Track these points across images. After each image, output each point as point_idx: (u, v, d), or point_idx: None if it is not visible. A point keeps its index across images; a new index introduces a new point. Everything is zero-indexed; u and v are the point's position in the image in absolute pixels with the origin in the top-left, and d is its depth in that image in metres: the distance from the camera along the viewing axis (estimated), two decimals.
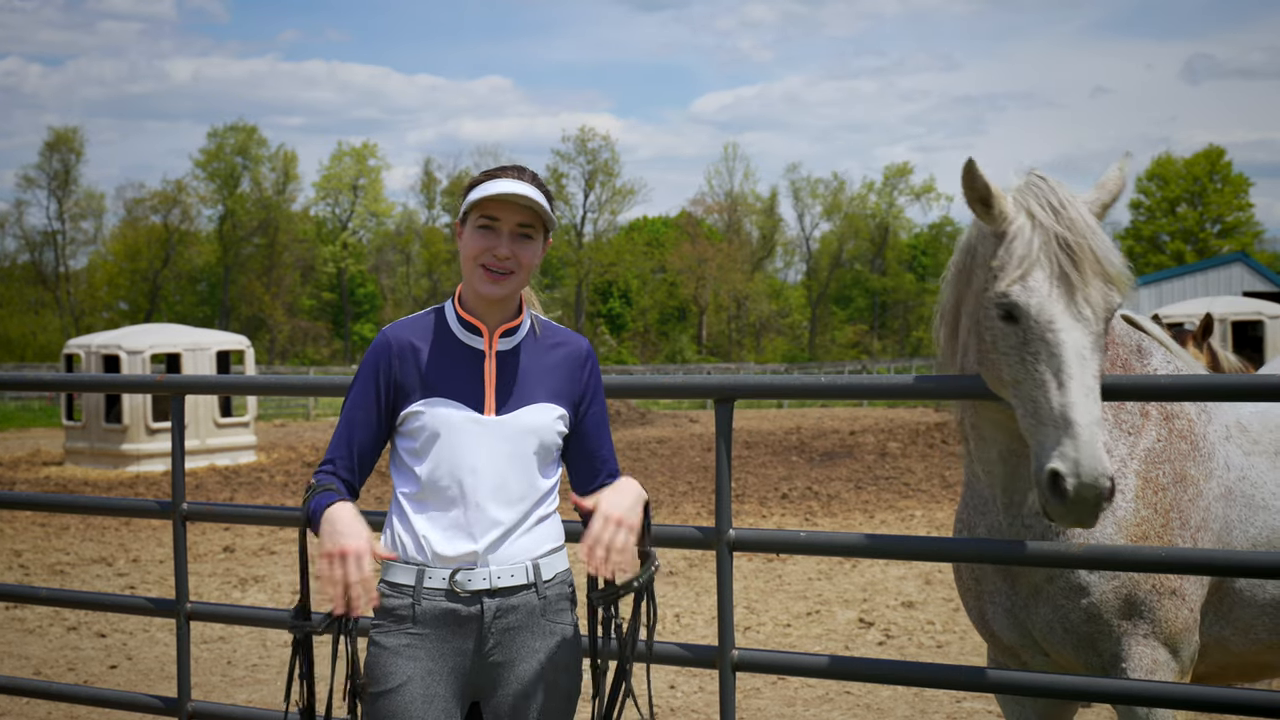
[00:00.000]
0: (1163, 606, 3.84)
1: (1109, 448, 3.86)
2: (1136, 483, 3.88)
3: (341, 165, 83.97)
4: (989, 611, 4.08)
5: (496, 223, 3.40)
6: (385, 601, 3.39)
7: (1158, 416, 3.98)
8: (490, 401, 3.41)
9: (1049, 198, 3.51)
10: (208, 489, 20.44)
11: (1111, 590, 3.81)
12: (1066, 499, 3.30)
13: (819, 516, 15.98)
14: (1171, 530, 3.89)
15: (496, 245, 3.38)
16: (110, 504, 6.01)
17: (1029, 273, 3.45)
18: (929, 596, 11.02)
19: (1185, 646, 3.92)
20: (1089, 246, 3.45)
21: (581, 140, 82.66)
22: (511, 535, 3.39)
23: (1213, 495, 4.00)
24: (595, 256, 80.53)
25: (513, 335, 3.50)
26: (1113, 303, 3.47)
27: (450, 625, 3.35)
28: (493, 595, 3.36)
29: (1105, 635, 3.84)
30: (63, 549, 14.70)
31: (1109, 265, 3.46)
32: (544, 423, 3.44)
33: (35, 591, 5.78)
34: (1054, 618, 3.89)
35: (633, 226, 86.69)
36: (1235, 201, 76.59)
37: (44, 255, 78.98)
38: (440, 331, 3.49)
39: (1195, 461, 3.98)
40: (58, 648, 9.85)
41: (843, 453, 23.54)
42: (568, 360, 3.54)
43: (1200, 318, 7.80)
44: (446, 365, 3.44)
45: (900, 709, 7.79)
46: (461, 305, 3.51)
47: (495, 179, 3.43)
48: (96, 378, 8.27)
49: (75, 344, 26.09)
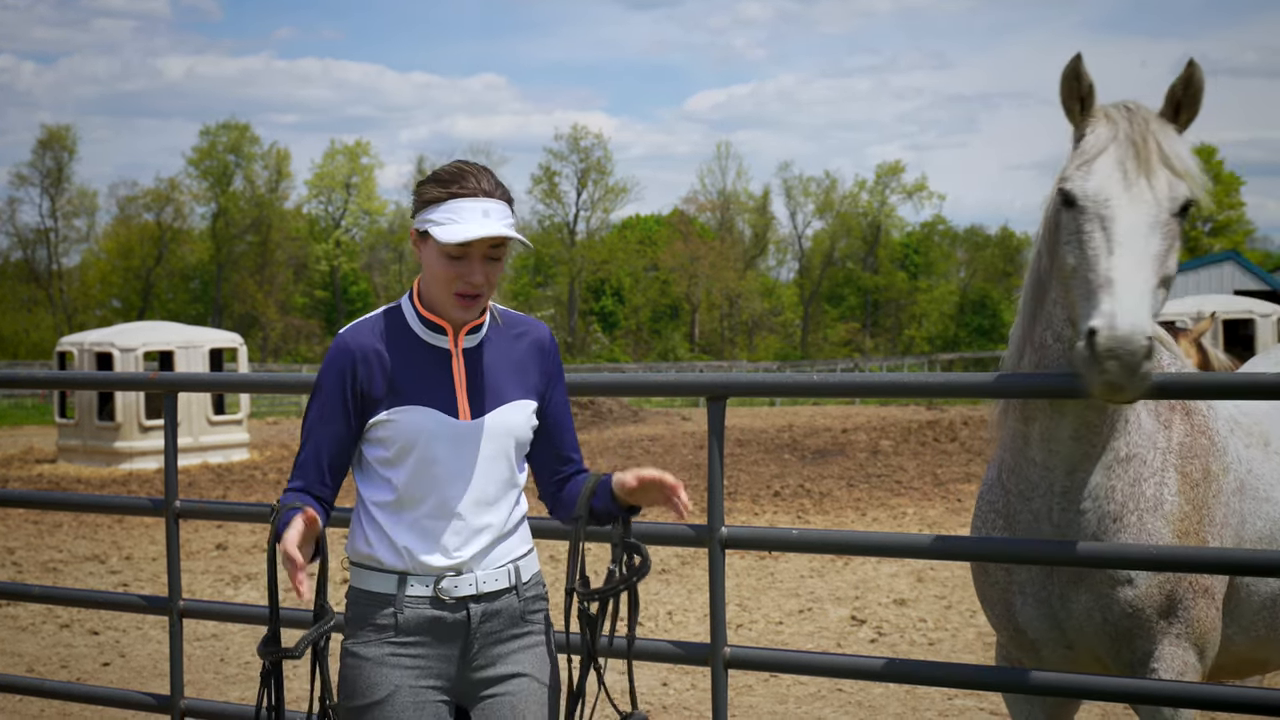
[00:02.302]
0: (1197, 605, 3.82)
1: (1154, 438, 3.82)
2: (1176, 477, 3.84)
3: (334, 163, 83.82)
4: (1017, 603, 3.97)
5: (468, 248, 3.21)
6: (361, 610, 3.29)
7: (1181, 411, 3.96)
8: (464, 404, 3.29)
9: (1127, 105, 3.55)
10: (200, 487, 20.42)
11: (1157, 585, 3.77)
12: (1098, 354, 3.22)
13: (811, 514, 15.99)
14: (1204, 527, 3.87)
15: (469, 273, 3.22)
16: (103, 501, 6.03)
17: (1093, 160, 3.48)
18: (921, 594, 11.04)
19: (1210, 647, 3.90)
20: (1156, 142, 3.46)
21: (574, 138, 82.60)
22: (495, 540, 3.33)
23: (1230, 490, 3.99)
24: (588, 255, 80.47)
25: (477, 331, 3.37)
26: (1179, 193, 3.44)
27: (435, 632, 3.27)
28: (478, 600, 3.29)
29: (1143, 632, 3.80)
30: (55, 546, 14.68)
31: (1176, 160, 3.45)
32: (519, 421, 3.36)
33: (28, 589, 5.80)
34: (1095, 607, 3.82)
35: (625, 225, 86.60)
36: (1226, 200, 76.64)
37: (36, 253, 78.78)
38: (401, 332, 3.33)
39: (1215, 456, 3.97)
40: (50, 645, 9.85)
41: (835, 451, 23.56)
42: (532, 350, 3.44)
43: (1191, 316, 7.88)
44: (413, 368, 3.29)
45: (892, 706, 7.80)
46: (422, 304, 3.35)
47: (459, 198, 3.21)
48: (89, 376, 8.28)
49: (68, 342, 26.04)
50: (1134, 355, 3.21)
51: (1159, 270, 3.38)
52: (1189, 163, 3.47)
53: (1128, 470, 3.79)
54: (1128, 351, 3.20)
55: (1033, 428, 3.84)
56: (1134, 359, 3.21)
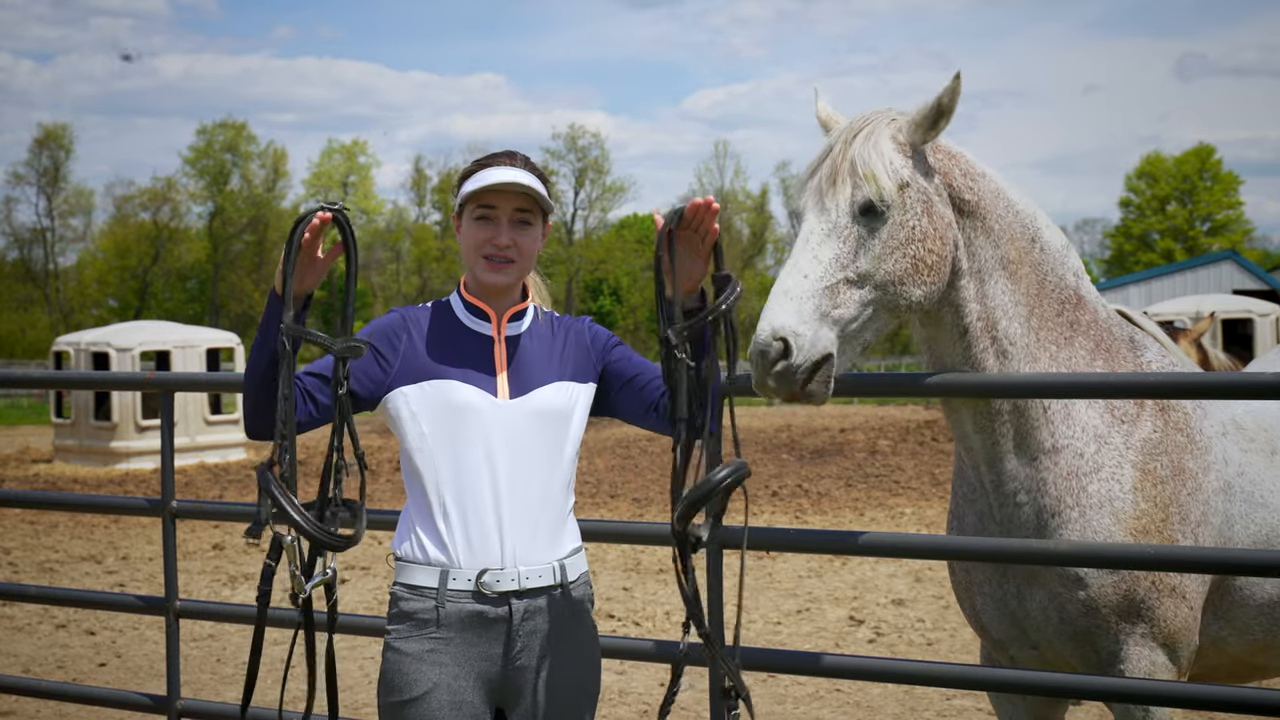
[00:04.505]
0: (1162, 605, 3.80)
1: (1101, 433, 3.84)
2: (1134, 474, 3.83)
3: (332, 162, 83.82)
4: (979, 603, 4.04)
5: (494, 211, 3.37)
6: (404, 605, 3.29)
7: (1153, 408, 3.95)
8: (504, 385, 3.34)
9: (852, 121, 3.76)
10: (197, 487, 20.41)
11: (1111, 585, 3.77)
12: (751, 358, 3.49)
13: (809, 514, 15.99)
14: (1171, 525, 3.85)
15: (496, 235, 3.37)
16: (99, 502, 6.01)
17: (804, 181, 3.71)
18: (919, 594, 11.04)
19: (1184, 647, 3.88)
20: (851, 155, 3.62)
21: (571, 138, 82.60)
22: (538, 534, 3.31)
23: (1211, 489, 3.97)
24: (585, 254, 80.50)
25: (520, 320, 3.46)
26: (859, 197, 3.58)
27: (476, 628, 3.26)
28: (520, 596, 3.28)
29: (1103, 632, 3.80)
30: (52, 547, 14.66)
31: (861, 165, 3.59)
32: (560, 403, 3.37)
33: (24, 589, 5.78)
34: (1050, 606, 3.84)
35: (623, 224, 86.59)
36: (1225, 200, 76.76)
37: (33, 252, 78.67)
38: (447, 318, 3.44)
39: (1192, 455, 3.94)
40: (47, 646, 9.83)
41: (833, 450, 23.56)
42: (573, 338, 3.49)
43: (1190, 316, 7.85)
44: (456, 350, 3.37)
45: (890, 706, 7.79)
46: (467, 291, 3.47)
47: (489, 167, 3.40)
48: (86, 375, 8.26)
49: (64, 341, 26.02)
50: (764, 356, 3.43)
51: (834, 273, 3.52)
52: (877, 164, 3.58)
53: (1057, 462, 3.82)
54: (758, 353, 3.44)
55: (953, 427, 3.96)
56: (764, 360, 3.43)
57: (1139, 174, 78.54)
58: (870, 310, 3.57)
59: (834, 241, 3.55)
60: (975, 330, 3.78)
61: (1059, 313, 3.88)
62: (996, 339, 3.79)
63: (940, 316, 3.79)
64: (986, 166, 3.87)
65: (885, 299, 3.59)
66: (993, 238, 3.77)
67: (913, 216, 3.60)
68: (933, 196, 3.66)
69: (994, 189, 3.82)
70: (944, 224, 3.66)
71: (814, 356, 3.45)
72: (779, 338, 3.41)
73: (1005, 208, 3.82)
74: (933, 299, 3.68)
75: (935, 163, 3.71)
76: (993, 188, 3.82)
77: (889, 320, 3.67)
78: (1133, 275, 44.83)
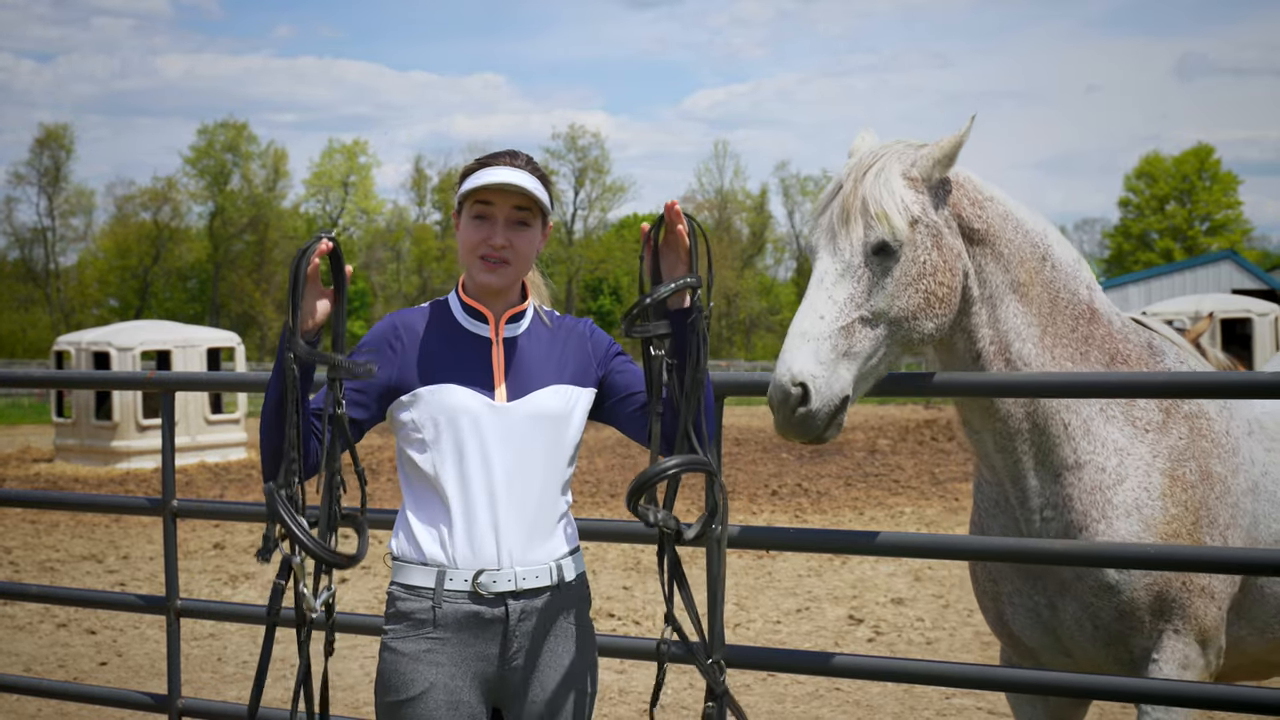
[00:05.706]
0: (1194, 605, 3.82)
1: (1122, 446, 3.85)
2: (1163, 481, 3.84)
3: (332, 162, 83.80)
4: (1008, 613, 4.03)
5: (491, 210, 3.34)
6: (401, 605, 3.29)
7: (1179, 414, 3.96)
8: (501, 388, 3.32)
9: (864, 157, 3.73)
10: (198, 486, 20.42)
11: (1144, 588, 3.78)
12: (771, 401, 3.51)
13: (809, 513, 15.99)
14: (1201, 528, 3.87)
15: (492, 235, 3.34)
16: (100, 501, 6.02)
17: (816, 218, 3.74)
18: (918, 593, 11.05)
19: (1213, 646, 3.90)
20: (864, 193, 3.63)
21: (571, 137, 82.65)
22: (535, 534, 3.31)
23: (1240, 491, 3.99)
24: (585, 254, 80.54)
25: (518, 321, 3.43)
26: (872, 236, 3.60)
27: (473, 628, 3.26)
28: (517, 597, 3.27)
29: (1138, 631, 3.81)
30: (53, 546, 14.67)
31: (873, 204, 3.61)
32: (558, 407, 3.35)
33: (25, 588, 5.79)
34: (1083, 615, 3.85)
35: (623, 224, 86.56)
36: (1224, 199, 76.73)
37: (34, 252, 78.67)
38: (444, 319, 3.41)
39: (1219, 458, 3.96)
40: (48, 645, 9.84)
41: (832, 450, 23.56)
42: (575, 341, 3.47)
43: (1189, 316, 7.86)
44: (453, 352, 3.35)
45: (890, 705, 7.81)
46: (465, 292, 3.44)
47: (488, 166, 3.37)
48: (86, 375, 8.25)
49: (65, 341, 26.02)
50: (784, 402, 3.48)
51: (849, 312, 3.56)
52: (889, 203, 3.60)
53: (1080, 478, 3.84)
54: (778, 400, 3.49)
55: (975, 447, 3.99)
56: (785, 405, 3.48)
57: (1138, 174, 78.53)
58: (884, 348, 3.64)
59: (848, 281, 3.59)
60: (988, 355, 3.81)
61: (1073, 329, 3.90)
62: (1010, 361, 3.81)
63: (953, 343, 3.82)
64: (994, 189, 3.87)
65: (899, 334, 3.64)
66: (1003, 262, 3.78)
67: (923, 251, 3.62)
68: (942, 229, 3.67)
69: (1002, 212, 3.82)
70: (953, 255, 3.68)
71: (833, 401, 3.51)
72: (798, 383, 3.46)
73: (1014, 230, 3.82)
74: (944, 330, 3.72)
75: (943, 194, 3.72)
76: (1001, 211, 3.82)
77: (902, 354, 3.72)
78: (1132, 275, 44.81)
